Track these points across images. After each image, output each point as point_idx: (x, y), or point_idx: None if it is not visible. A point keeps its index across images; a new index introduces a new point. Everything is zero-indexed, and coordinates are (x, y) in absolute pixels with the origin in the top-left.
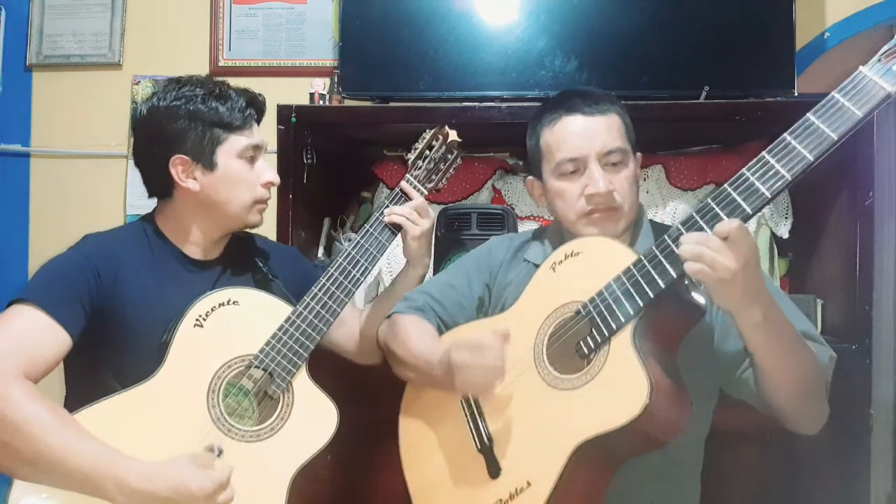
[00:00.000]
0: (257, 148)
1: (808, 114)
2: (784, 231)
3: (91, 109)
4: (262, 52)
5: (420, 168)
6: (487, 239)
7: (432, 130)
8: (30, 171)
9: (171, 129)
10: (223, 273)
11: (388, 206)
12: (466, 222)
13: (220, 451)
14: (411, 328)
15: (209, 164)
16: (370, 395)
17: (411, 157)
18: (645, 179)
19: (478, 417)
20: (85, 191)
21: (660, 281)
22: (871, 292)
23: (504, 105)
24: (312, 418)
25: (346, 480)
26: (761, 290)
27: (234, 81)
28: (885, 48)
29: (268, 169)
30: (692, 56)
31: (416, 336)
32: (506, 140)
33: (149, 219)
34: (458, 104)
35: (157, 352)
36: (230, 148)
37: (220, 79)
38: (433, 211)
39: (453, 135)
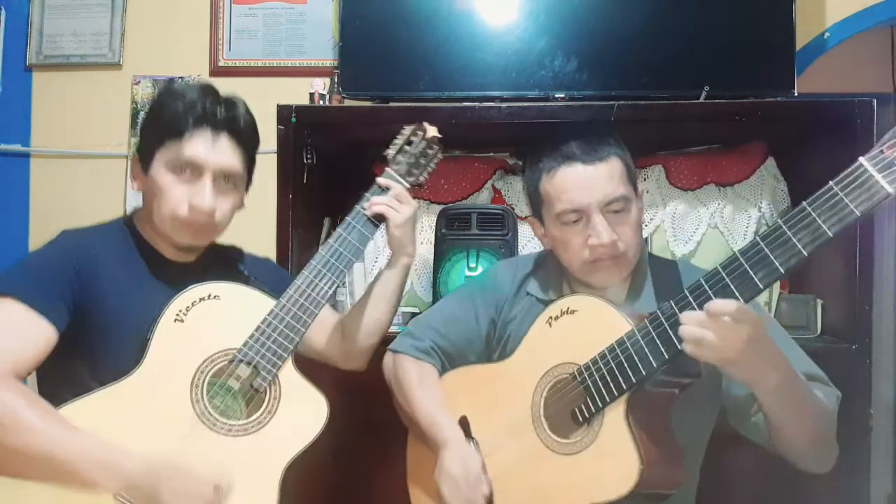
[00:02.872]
0: (192, 164)
1: (804, 203)
2: None
3: (91, 109)
4: (262, 52)
5: (400, 163)
6: (487, 239)
7: (411, 127)
8: (30, 171)
9: (141, 122)
10: (201, 274)
11: (367, 199)
12: (466, 222)
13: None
14: (414, 382)
15: (146, 167)
16: (369, 394)
17: (391, 152)
18: (645, 179)
19: None
20: (85, 191)
21: (652, 360)
22: (871, 292)
23: (504, 105)
24: (301, 411)
25: (346, 481)
26: (774, 358)
27: (234, 81)
28: (886, 137)
29: (203, 192)
30: (692, 56)
31: (419, 393)
32: (506, 140)
33: (128, 217)
34: (458, 104)
35: (136, 349)
36: (164, 156)
37: (224, 78)
38: (433, 211)
39: (433, 131)
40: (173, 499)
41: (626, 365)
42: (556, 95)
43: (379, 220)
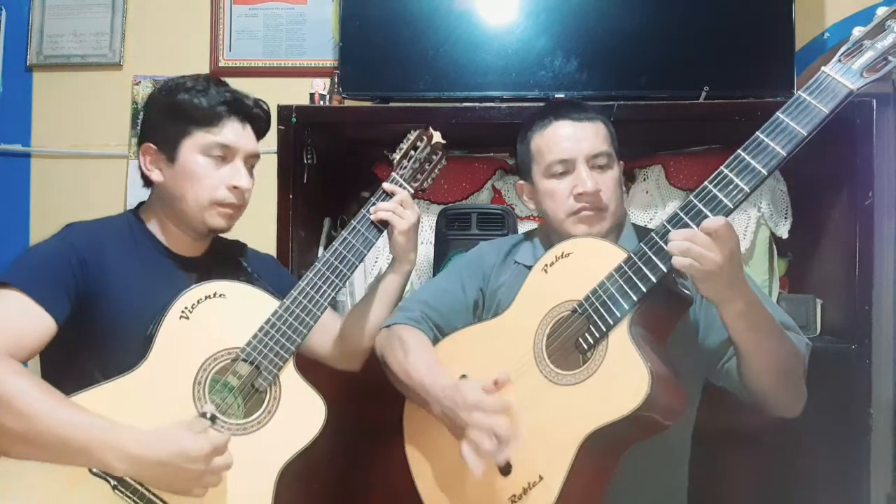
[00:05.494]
0: (227, 148)
1: (777, 112)
2: (784, 231)
3: (91, 109)
4: (263, 52)
5: (405, 168)
6: (487, 239)
7: (417, 131)
8: (30, 171)
9: (149, 118)
10: (207, 269)
11: (373, 204)
12: (466, 222)
13: (214, 417)
14: (409, 346)
15: (172, 157)
16: (370, 394)
17: (396, 156)
18: (645, 180)
19: None
20: (85, 191)
21: (651, 276)
22: (870, 292)
23: (504, 105)
24: (300, 413)
25: (345, 481)
26: (743, 281)
27: (235, 82)
28: (843, 49)
29: (240, 173)
30: (692, 56)
31: (413, 356)
32: (506, 140)
33: (135, 211)
34: (458, 104)
35: (142, 344)
36: (195, 143)
37: (224, 79)
38: (433, 211)
39: (437, 136)
40: (194, 470)
41: (625, 287)
42: (556, 95)
43: (383, 225)
